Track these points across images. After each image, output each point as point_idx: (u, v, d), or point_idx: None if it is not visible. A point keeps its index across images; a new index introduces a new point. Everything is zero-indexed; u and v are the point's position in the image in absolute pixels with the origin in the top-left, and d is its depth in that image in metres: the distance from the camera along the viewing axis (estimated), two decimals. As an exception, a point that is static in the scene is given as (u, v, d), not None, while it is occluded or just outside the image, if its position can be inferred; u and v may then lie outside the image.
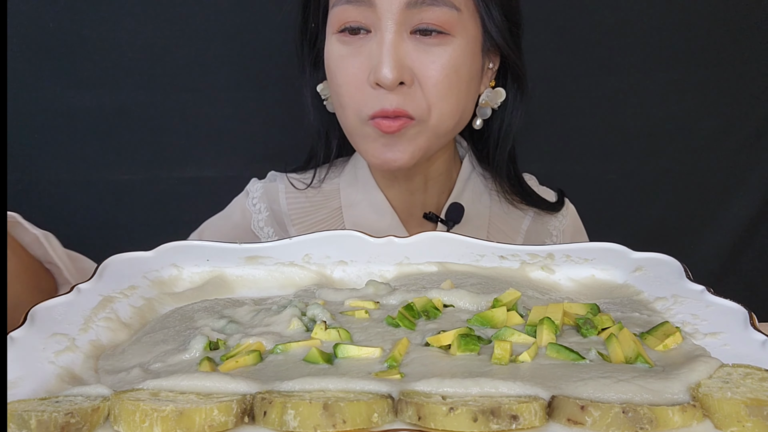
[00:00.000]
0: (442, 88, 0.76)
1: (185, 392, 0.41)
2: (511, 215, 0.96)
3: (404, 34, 0.74)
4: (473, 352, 0.47)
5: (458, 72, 0.77)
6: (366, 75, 0.76)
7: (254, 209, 0.95)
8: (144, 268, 0.63)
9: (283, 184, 0.96)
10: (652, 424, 0.36)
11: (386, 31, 0.74)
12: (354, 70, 0.77)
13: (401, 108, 0.75)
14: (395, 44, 0.73)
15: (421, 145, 0.80)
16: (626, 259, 0.64)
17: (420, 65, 0.75)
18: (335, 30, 0.78)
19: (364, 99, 0.77)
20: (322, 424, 0.36)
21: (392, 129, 0.76)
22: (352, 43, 0.77)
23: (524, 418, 0.37)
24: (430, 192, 0.92)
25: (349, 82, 0.77)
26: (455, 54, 0.76)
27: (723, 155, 1.34)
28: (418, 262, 0.67)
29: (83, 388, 0.43)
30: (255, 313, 0.56)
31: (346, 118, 0.81)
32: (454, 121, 0.81)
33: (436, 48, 0.75)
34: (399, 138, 0.78)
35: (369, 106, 0.76)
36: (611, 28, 1.25)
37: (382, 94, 0.75)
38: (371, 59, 0.75)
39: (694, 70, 1.28)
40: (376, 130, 0.77)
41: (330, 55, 0.80)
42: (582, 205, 1.03)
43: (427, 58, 0.75)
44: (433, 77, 0.75)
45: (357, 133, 0.81)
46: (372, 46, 0.75)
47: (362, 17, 0.75)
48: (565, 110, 1.29)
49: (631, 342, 0.46)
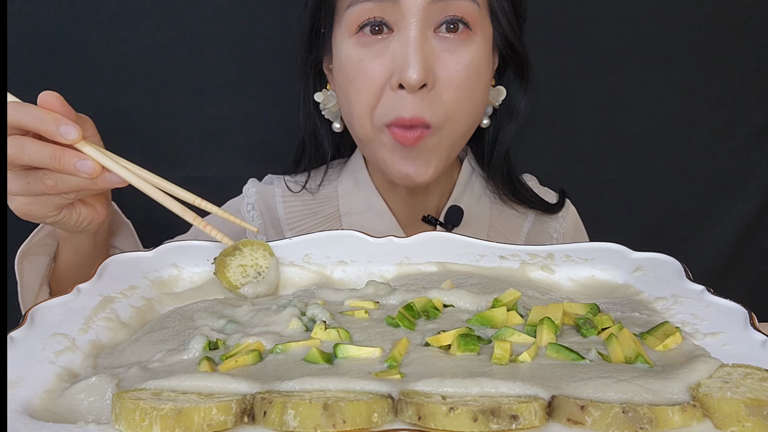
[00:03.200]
0: (464, 90, 0.74)
1: (187, 392, 0.41)
2: (511, 217, 0.95)
3: (428, 32, 0.72)
4: (473, 352, 0.47)
5: (479, 72, 0.75)
6: (387, 77, 0.73)
7: (248, 216, 0.95)
8: (144, 268, 0.63)
9: (279, 188, 0.95)
10: (652, 424, 0.36)
11: (411, 28, 0.71)
12: (375, 72, 0.74)
13: (418, 116, 0.72)
14: (421, 42, 0.71)
15: (443, 158, 0.78)
16: (626, 259, 0.64)
17: (444, 66, 0.73)
18: (353, 31, 0.75)
19: (381, 104, 0.74)
20: (322, 424, 0.36)
21: (409, 141, 0.74)
22: (372, 45, 0.74)
23: (524, 418, 0.37)
24: (431, 195, 0.91)
25: (370, 86, 0.74)
26: (477, 52, 0.75)
27: (723, 155, 1.34)
28: (418, 262, 0.67)
29: (84, 381, 0.43)
30: (254, 313, 0.56)
31: (361, 127, 0.78)
32: (471, 123, 0.80)
33: (460, 48, 0.73)
34: (419, 151, 0.76)
35: (386, 114, 0.74)
36: (611, 28, 1.25)
37: (401, 98, 0.72)
38: (395, 60, 0.72)
39: (694, 70, 1.28)
40: (394, 141, 0.75)
41: (348, 60, 0.76)
42: (582, 205, 1.03)
43: (451, 59, 0.73)
44: (456, 79, 0.73)
45: (374, 142, 0.78)
46: (395, 46, 0.73)
47: (384, 14, 0.72)
48: (565, 110, 1.29)
49: (631, 342, 0.46)
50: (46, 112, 0.58)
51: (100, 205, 0.68)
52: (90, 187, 0.60)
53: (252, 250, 0.65)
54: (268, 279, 0.64)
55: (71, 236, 0.72)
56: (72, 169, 0.58)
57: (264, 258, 0.65)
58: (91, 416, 0.41)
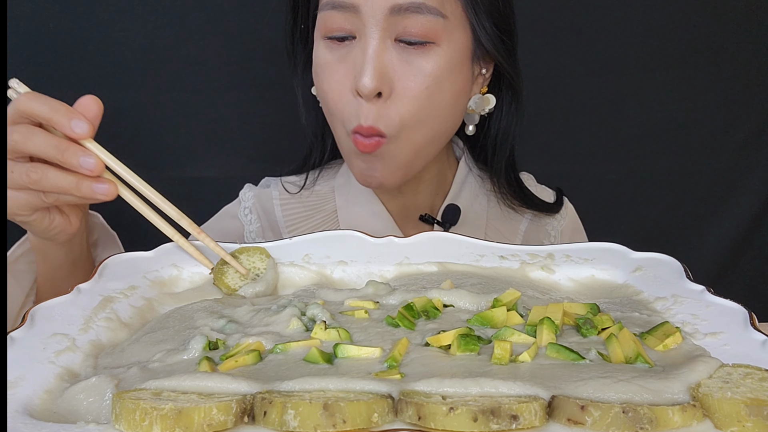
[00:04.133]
0: (421, 100, 0.74)
1: (187, 392, 0.41)
2: (508, 217, 0.95)
3: (388, 41, 0.72)
4: (473, 352, 0.47)
5: (440, 83, 0.74)
6: (350, 83, 0.74)
7: (245, 220, 0.95)
8: (144, 268, 0.63)
9: (277, 191, 0.95)
10: (652, 424, 0.36)
11: (370, 37, 0.72)
12: (339, 77, 0.75)
13: (374, 125, 0.73)
14: (378, 52, 0.72)
15: (401, 164, 0.78)
16: (626, 259, 0.64)
17: (402, 76, 0.73)
18: (322, 35, 0.76)
19: (347, 109, 0.75)
20: (322, 424, 0.36)
21: (368, 149, 0.75)
22: (337, 50, 0.75)
23: (524, 418, 0.37)
24: (424, 194, 0.91)
25: (334, 89, 0.76)
26: (439, 63, 0.73)
27: (723, 155, 1.34)
28: (418, 262, 0.67)
29: (84, 381, 0.43)
30: (254, 313, 0.56)
31: (335, 127, 0.80)
32: (436, 133, 0.79)
33: (419, 58, 0.73)
34: (377, 157, 0.77)
35: (350, 120, 0.75)
36: (611, 28, 1.25)
37: (361, 105, 0.73)
38: (355, 66, 0.73)
39: (694, 70, 1.28)
40: (354, 147, 0.76)
41: (317, 61, 0.78)
42: (582, 205, 1.03)
43: (409, 70, 0.73)
44: (413, 89, 0.73)
45: (343, 146, 0.81)
46: (356, 52, 0.74)
47: (347, 23, 0.73)
48: (565, 110, 1.29)
49: (631, 342, 0.46)
50: (60, 103, 0.57)
51: (74, 216, 0.66)
52: (73, 192, 0.58)
53: (248, 255, 0.66)
54: (266, 278, 0.64)
55: (41, 242, 0.70)
56: (75, 162, 0.57)
57: (261, 261, 0.65)
58: (91, 416, 0.41)
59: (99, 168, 0.58)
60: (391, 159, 0.77)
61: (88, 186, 0.58)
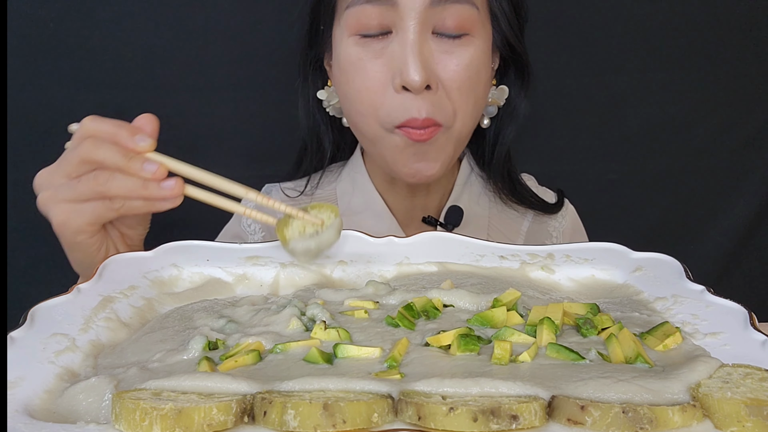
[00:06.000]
0: (465, 91, 0.75)
1: (187, 392, 0.41)
2: (510, 217, 0.95)
3: (427, 34, 0.72)
4: (473, 352, 0.47)
5: (479, 73, 0.76)
6: (388, 78, 0.73)
7: (249, 230, 0.95)
8: (144, 268, 0.63)
9: (277, 197, 0.95)
10: (652, 424, 0.36)
11: (409, 30, 0.71)
12: (375, 73, 0.74)
13: (430, 117, 0.73)
14: (419, 44, 0.71)
15: (450, 154, 0.79)
16: (626, 259, 0.64)
17: (443, 68, 0.73)
18: (353, 32, 0.75)
19: (388, 105, 0.74)
20: (322, 424, 0.36)
21: (424, 137, 0.74)
22: (370, 45, 0.74)
23: (524, 418, 0.37)
24: (432, 195, 0.92)
25: (370, 87, 0.74)
26: (476, 53, 0.75)
27: (723, 155, 1.34)
28: (418, 262, 0.67)
29: (83, 381, 0.43)
30: (254, 313, 0.56)
31: (367, 126, 0.78)
32: (473, 123, 0.80)
33: (459, 49, 0.73)
34: (430, 146, 0.76)
35: (395, 115, 0.74)
36: (611, 28, 1.25)
37: (408, 100, 0.72)
38: (394, 61, 0.72)
39: (694, 70, 1.28)
40: (406, 139, 0.75)
41: (347, 58, 0.76)
42: (582, 205, 1.03)
43: (450, 60, 0.73)
44: (457, 80, 0.74)
45: (382, 142, 0.78)
46: (394, 47, 0.73)
47: (383, 17, 0.72)
48: (565, 110, 1.28)
49: (631, 342, 0.46)
50: (122, 122, 0.61)
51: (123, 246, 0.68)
52: (140, 192, 0.60)
53: (318, 211, 0.65)
54: (320, 237, 0.63)
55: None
56: (138, 167, 0.60)
57: (328, 217, 0.64)
58: (90, 416, 0.41)
59: (162, 172, 0.61)
60: (442, 148, 0.77)
61: (155, 185, 0.61)
